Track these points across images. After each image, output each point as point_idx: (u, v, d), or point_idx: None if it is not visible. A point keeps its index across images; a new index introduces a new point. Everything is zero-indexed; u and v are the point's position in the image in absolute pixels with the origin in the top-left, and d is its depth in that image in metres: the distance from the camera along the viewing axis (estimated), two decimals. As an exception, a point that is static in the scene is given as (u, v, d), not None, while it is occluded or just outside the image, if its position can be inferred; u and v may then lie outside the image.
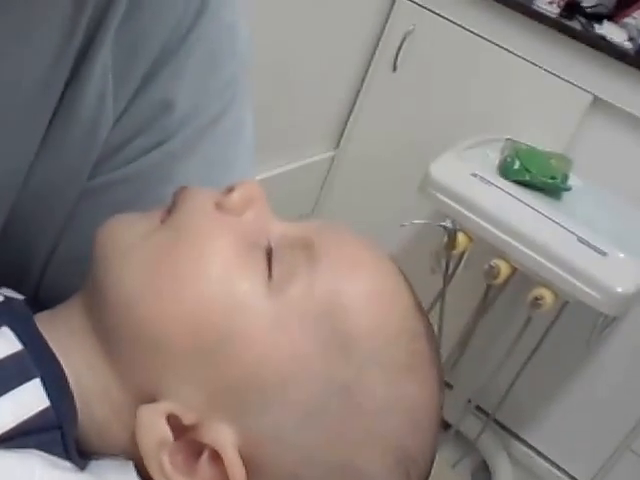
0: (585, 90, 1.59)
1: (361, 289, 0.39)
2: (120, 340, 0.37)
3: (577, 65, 1.59)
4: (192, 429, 0.36)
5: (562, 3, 1.61)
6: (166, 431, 0.35)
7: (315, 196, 1.99)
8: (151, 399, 0.36)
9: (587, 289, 1.30)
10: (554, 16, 1.61)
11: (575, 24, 1.61)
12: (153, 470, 0.35)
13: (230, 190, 0.40)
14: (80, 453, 0.36)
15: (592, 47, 1.56)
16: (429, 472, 0.41)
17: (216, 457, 0.36)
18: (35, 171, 0.43)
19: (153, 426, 0.35)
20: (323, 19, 1.63)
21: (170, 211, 0.40)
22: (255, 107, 0.52)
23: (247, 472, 0.36)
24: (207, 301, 0.37)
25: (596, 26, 1.60)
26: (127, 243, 0.39)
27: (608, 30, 1.58)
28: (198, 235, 0.39)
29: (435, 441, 0.40)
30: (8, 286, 0.41)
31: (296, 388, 0.36)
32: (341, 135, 1.95)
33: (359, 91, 1.89)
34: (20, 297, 0.41)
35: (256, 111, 0.53)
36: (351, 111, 1.92)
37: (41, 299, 0.43)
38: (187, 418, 0.36)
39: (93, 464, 0.36)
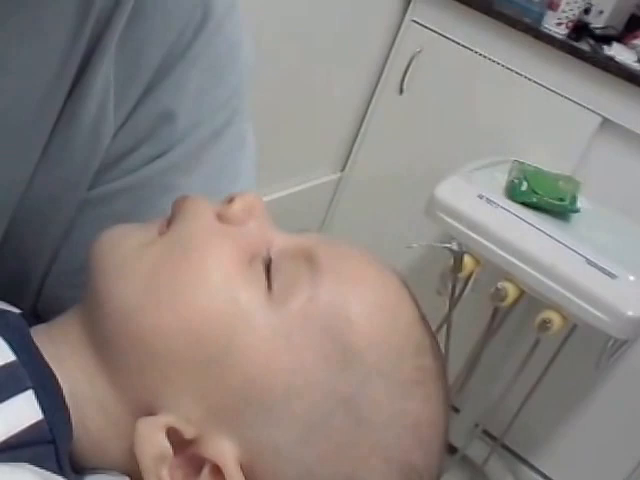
0: (594, 112, 1.59)
1: (365, 301, 0.39)
2: (118, 352, 0.37)
3: (586, 87, 1.59)
4: (192, 443, 0.36)
5: (570, 25, 1.61)
6: (166, 445, 0.35)
7: (321, 218, 1.99)
8: (150, 412, 0.36)
9: (596, 312, 1.28)
10: (562, 38, 1.61)
11: (584, 45, 1.61)
12: None
13: (230, 200, 0.40)
14: (74, 468, 0.36)
15: (601, 69, 1.55)
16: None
17: (217, 472, 0.35)
18: (35, 181, 0.42)
19: (152, 440, 0.35)
20: (330, 41, 1.64)
21: (169, 221, 0.40)
22: (262, 129, 0.53)
23: None
24: (206, 313, 0.36)
25: (605, 48, 1.60)
26: (125, 254, 0.38)
27: (617, 51, 1.58)
28: (197, 245, 0.38)
29: (441, 458, 0.40)
30: (5, 300, 0.41)
31: (298, 401, 0.36)
32: (347, 157, 1.95)
33: (366, 113, 1.89)
34: (17, 311, 0.41)
35: (263, 133, 0.53)
36: (357, 133, 1.92)
37: (39, 312, 0.43)
38: (187, 432, 0.35)
39: (88, 479, 0.36)
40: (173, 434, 0.35)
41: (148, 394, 0.36)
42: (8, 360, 0.35)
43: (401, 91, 1.81)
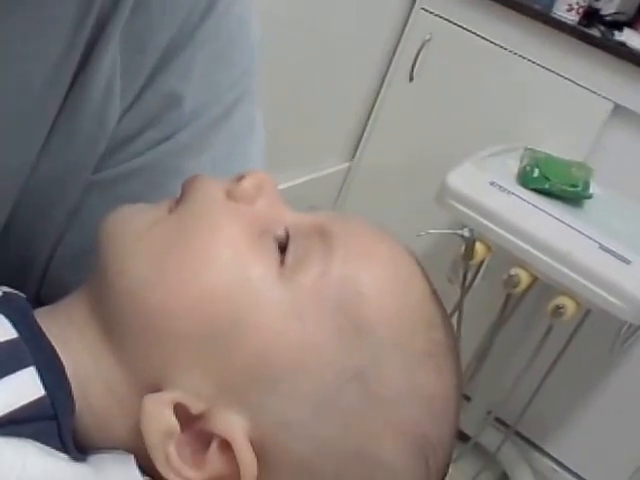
0: (605, 98, 1.58)
1: (377, 276, 0.39)
2: (125, 330, 0.36)
3: (597, 73, 1.58)
4: (200, 419, 0.35)
5: (581, 11, 1.60)
6: (173, 421, 0.34)
7: (330, 208, 1.98)
8: (156, 389, 0.35)
9: (610, 297, 1.28)
10: (573, 24, 1.60)
11: (594, 31, 1.60)
12: (159, 462, 0.34)
13: (240, 178, 0.40)
14: (79, 447, 0.35)
15: (612, 54, 1.55)
16: (448, 463, 0.40)
17: (226, 447, 0.35)
18: (40, 165, 0.42)
19: (159, 416, 0.34)
20: (339, 29, 1.63)
21: (179, 201, 0.40)
22: (271, 119, 0.53)
23: (258, 462, 0.35)
24: (216, 289, 0.36)
25: (616, 33, 1.59)
26: (134, 232, 0.38)
27: (628, 37, 1.57)
28: (207, 223, 0.38)
29: (454, 433, 0.40)
30: (10, 285, 0.41)
31: (308, 376, 0.36)
32: (357, 146, 1.95)
33: (375, 101, 1.89)
34: (21, 295, 0.40)
35: (272, 123, 0.53)
36: (367, 122, 1.92)
37: (42, 299, 0.42)
38: (195, 407, 0.35)
39: (92, 458, 0.35)
40: (180, 410, 0.35)
41: (155, 371, 0.36)
42: (10, 337, 0.35)
43: (411, 79, 1.81)
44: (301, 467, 0.36)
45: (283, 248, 0.38)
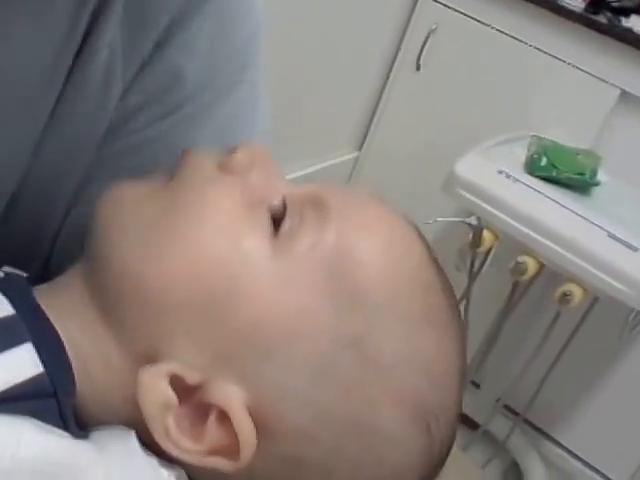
0: (612, 84, 1.57)
1: (372, 242, 0.39)
2: (119, 302, 0.37)
3: (604, 59, 1.57)
4: (197, 390, 0.35)
5: (587, -3, 1.59)
6: (170, 393, 0.34)
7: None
8: (152, 361, 0.35)
9: (618, 284, 1.28)
10: (579, 11, 1.59)
11: (601, 18, 1.59)
12: (158, 435, 0.34)
13: (234, 150, 0.40)
14: (81, 424, 0.35)
15: (619, 41, 1.53)
16: (454, 432, 0.40)
17: (224, 418, 0.35)
18: (44, 144, 0.43)
19: (156, 388, 0.34)
20: (345, 19, 1.63)
21: (172, 175, 0.40)
22: (277, 108, 0.52)
23: (257, 431, 0.35)
24: (208, 259, 0.36)
25: (623, 19, 1.58)
26: (127, 207, 0.39)
27: (635, 23, 1.56)
28: (198, 195, 0.38)
29: (458, 399, 0.39)
30: (17, 264, 0.41)
31: (304, 344, 0.36)
32: (364, 136, 1.95)
33: (382, 91, 1.88)
34: (23, 274, 0.41)
35: (279, 113, 0.53)
36: (374, 111, 1.91)
37: (51, 275, 0.43)
38: (191, 378, 0.35)
39: (93, 435, 0.35)
40: (177, 382, 0.35)
41: (151, 343, 0.36)
42: (6, 314, 0.35)
43: (418, 68, 1.81)
44: (299, 436, 0.36)
45: (278, 218, 0.38)
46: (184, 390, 0.35)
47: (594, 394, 1.70)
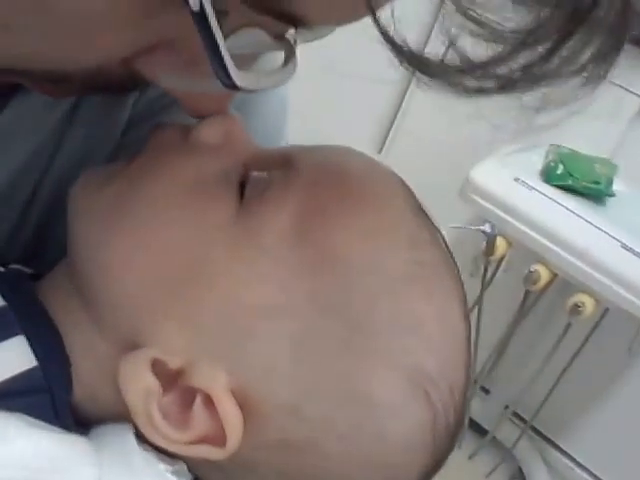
0: (634, 93, 1.56)
1: (342, 197, 0.36)
2: (93, 289, 0.35)
3: (625, 68, 1.55)
4: (181, 375, 0.34)
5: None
6: (151, 379, 0.33)
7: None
8: (134, 348, 0.34)
9: (630, 296, 1.27)
10: (601, 19, 1.58)
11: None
12: (142, 424, 0.33)
13: (204, 122, 0.38)
14: (81, 422, 0.35)
15: (640, 49, 1.52)
16: (461, 403, 0.36)
17: (209, 403, 0.33)
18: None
19: (137, 375, 0.33)
20: (368, 24, 1.63)
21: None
22: (299, 110, 0.51)
23: (244, 415, 0.33)
24: (173, 237, 0.35)
25: (644, 29, 1.57)
26: (88, 191, 0.38)
27: (657, 33, 1.55)
28: (160, 171, 0.36)
29: (462, 364, 0.36)
30: (26, 263, 0.41)
31: (281, 316, 0.34)
32: (385, 138, 1.95)
33: (404, 94, 1.88)
34: (25, 269, 0.41)
35: (300, 114, 0.52)
36: (396, 115, 1.91)
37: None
38: (172, 362, 0.33)
39: (92, 432, 0.34)
40: (160, 368, 0.33)
41: (131, 330, 0.34)
42: None
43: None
44: (290, 415, 0.34)
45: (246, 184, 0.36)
46: (168, 376, 0.33)
47: (602, 405, 1.69)
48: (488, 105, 0.28)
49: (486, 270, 1.49)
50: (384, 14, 0.28)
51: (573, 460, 1.76)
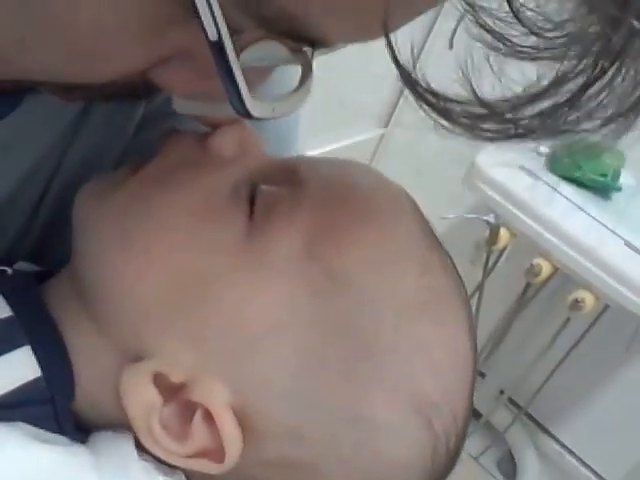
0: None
1: (352, 217, 0.35)
2: (97, 299, 0.35)
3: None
4: (183, 389, 0.33)
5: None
6: (152, 392, 0.33)
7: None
8: (138, 360, 0.34)
9: (630, 295, 1.27)
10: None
11: None
12: (142, 435, 0.33)
13: (214, 132, 0.37)
14: (81, 427, 0.34)
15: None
16: (463, 430, 0.36)
17: (210, 417, 0.33)
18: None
19: (139, 387, 0.33)
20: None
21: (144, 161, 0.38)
22: None
23: (243, 432, 0.33)
24: (180, 250, 0.34)
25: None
26: (94, 198, 0.37)
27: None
28: (171, 179, 0.36)
29: (466, 392, 0.36)
30: (35, 260, 0.41)
31: (287, 334, 0.33)
32: (391, 114, 1.92)
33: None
34: (36, 269, 0.40)
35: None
36: (403, 90, 1.89)
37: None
38: (175, 376, 0.33)
39: (92, 437, 0.34)
40: (162, 380, 0.33)
41: (134, 341, 0.34)
42: (3, 316, 0.34)
43: (451, 46, 1.77)
44: (290, 435, 0.33)
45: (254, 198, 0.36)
46: (170, 389, 0.33)
47: (596, 397, 1.72)
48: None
49: (488, 258, 1.49)
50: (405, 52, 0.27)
51: (563, 446, 1.79)
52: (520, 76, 0.26)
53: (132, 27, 0.26)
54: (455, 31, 0.32)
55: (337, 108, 1.74)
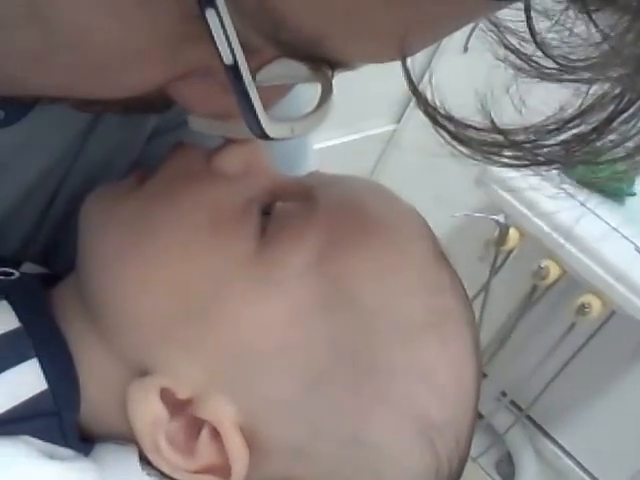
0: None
1: (364, 238, 0.35)
2: (104, 313, 0.35)
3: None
4: (190, 405, 0.33)
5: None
6: (159, 407, 0.33)
7: (369, 172, 1.97)
8: (145, 375, 0.34)
9: (638, 302, 1.26)
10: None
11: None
12: (149, 450, 0.33)
13: (223, 147, 0.37)
14: (85, 438, 0.34)
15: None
16: (465, 453, 0.36)
17: (216, 434, 0.33)
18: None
19: (146, 402, 0.33)
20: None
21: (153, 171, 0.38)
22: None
23: (250, 450, 0.33)
24: (189, 265, 0.34)
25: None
26: (102, 207, 0.37)
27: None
28: (177, 196, 0.35)
29: (469, 415, 0.36)
30: (44, 262, 0.41)
31: (296, 354, 0.33)
32: (404, 110, 1.92)
33: (427, 69, 1.85)
34: (42, 271, 0.40)
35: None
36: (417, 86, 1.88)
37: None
38: (181, 392, 0.33)
39: (97, 448, 0.34)
40: (168, 396, 0.33)
41: (141, 356, 0.34)
42: (11, 328, 0.34)
43: (465, 50, 1.76)
44: (296, 454, 0.34)
45: (268, 215, 0.36)
46: (176, 404, 0.33)
47: (598, 403, 1.71)
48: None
49: (496, 258, 1.48)
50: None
51: (562, 449, 1.79)
52: (542, 104, 0.25)
53: (147, 45, 0.26)
54: (471, 35, 0.32)
55: (350, 102, 1.74)
